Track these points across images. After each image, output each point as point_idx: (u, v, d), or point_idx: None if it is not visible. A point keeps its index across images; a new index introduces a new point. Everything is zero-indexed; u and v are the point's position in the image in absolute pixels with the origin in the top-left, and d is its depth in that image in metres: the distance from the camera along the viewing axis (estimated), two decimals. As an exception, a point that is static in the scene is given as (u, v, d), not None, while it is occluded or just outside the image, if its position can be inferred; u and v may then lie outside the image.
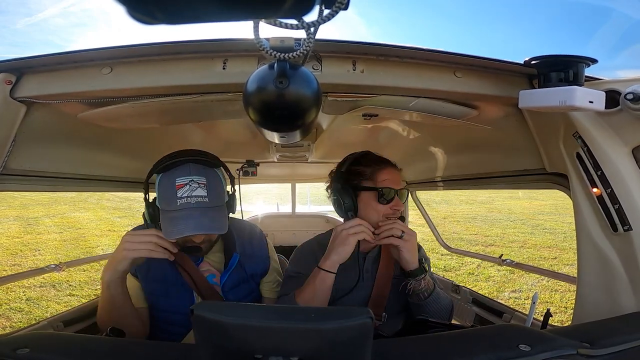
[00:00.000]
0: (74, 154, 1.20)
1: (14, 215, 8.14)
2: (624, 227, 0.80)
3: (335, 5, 0.38)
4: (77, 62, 0.81)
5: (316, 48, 0.78)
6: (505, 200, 11.75)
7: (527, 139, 1.04)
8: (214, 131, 1.53)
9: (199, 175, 0.92)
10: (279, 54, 0.60)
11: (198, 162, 0.94)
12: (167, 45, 0.78)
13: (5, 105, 0.82)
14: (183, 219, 0.88)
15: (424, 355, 0.57)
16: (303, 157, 2.03)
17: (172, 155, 0.97)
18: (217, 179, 0.96)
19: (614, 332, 0.65)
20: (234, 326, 0.41)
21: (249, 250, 1.11)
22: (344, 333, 0.41)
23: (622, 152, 0.80)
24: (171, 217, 0.90)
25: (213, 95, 0.88)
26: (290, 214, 3.50)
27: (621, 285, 0.81)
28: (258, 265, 1.12)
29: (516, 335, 0.60)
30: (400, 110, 1.02)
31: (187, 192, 0.90)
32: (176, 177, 0.91)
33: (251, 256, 1.11)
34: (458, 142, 1.47)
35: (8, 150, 0.90)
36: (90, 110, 0.96)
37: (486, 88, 0.86)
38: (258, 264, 1.13)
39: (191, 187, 0.90)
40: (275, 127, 0.73)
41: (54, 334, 0.63)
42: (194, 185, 0.91)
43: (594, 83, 0.78)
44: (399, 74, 0.83)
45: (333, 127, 1.40)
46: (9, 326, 3.43)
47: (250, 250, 1.11)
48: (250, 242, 1.13)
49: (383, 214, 1.04)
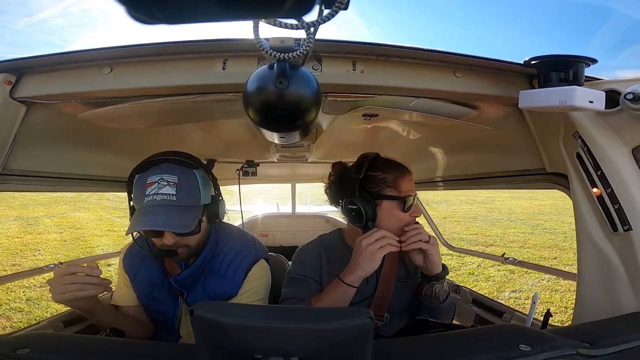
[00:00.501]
0: (74, 154, 1.20)
1: (14, 215, 8.14)
2: (624, 227, 0.80)
3: (335, 5, 0.38)
4: (77, 62, 0.81)
5: (316, 48, 0.78)
6: (506, 200, 11.75)
7: (527, 139, 1.04)
8: (214, 131, 1.53)
9: (171, 174, 0.90)
10: (279, 54, 0.60)
11: (174, 162, 0.92)
12: (167, 45, 0.78)
13: (5, 105, 0.82)
14: (144, 215, 0.86)
15: (424, 355, 0.57)
16: (303, 157, 2.03)
17: (151, 155, 0.96)
18: (192, 179, 0.93)
19: (614, 332, 0.65)
20: (234, 326, 0.41)
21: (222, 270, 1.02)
22: (344, 333, 0.41)
23: (622, 152, 0.80)
24: (137, 214, 0.89)
25: (213, 96, 0.88)
26: (290, 214, 3.50)
27: (621, 285, 0.81)
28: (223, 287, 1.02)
29: (516, 335, 0.60)
30: (400, 110, 1.02)
31: (154, 189, 0.88)
32: (148, 176, 0.90)
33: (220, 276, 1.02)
34: (458, 142, 1.47)
35: (8, 150, 0.90)
36: (90, 110, 0.96)
37: (486, 88, 0.86)
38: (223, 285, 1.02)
39: (159, 184, 0.88)
40: (275, 127, 0.73)
41: (54, 334, 0.63)
42: (162, 183, 0.89)
43: (594, 83, 0.78)
44: (399, 74, 0.83)
45: (333, 127, 1.40)
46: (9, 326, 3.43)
47: (223, 270, 1.02)
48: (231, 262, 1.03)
49: (405, 222, 1.01)
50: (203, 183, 0.95)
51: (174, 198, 0.88)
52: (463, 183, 1.62)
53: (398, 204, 1.00)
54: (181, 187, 0.89)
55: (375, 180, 1.01)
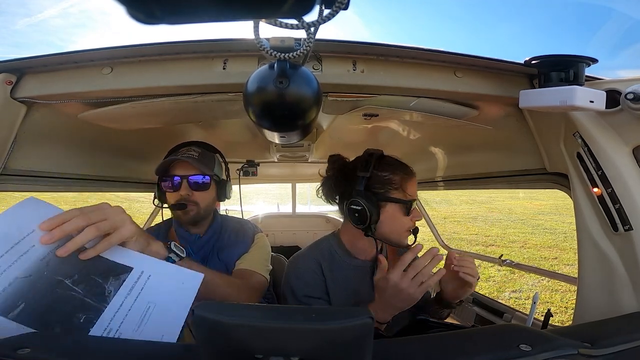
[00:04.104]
0: (74, 154, 1.20)
1: (15, 216, 8.12)
2: (624, 227, 0.80)
3: (336, 5, 0.38)
4: (77, 62, 0.81)
5: (316, 48, 0.78)
6: (506, 200, 11.75)
7: (528, 139, 1.04)
8: (214, 131, 1.54)
9: (196, 147, 1.13)
10: (279, 54, 0.60)
11: (198, 145, 1.15)
12: (167, 45, 0.78)
13: (5, 105, 0.82)
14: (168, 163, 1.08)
15: (424, 355, 0.57)
16: (303, 157, 2.04)
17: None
18: (211, 156, 1.14)
19: (615, 332, 0.65)
20: (234, 326, 0.41)
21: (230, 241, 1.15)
22: (344, 333, 0.41)
23: (622, 151, 0.80)
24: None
25: (213, 96, 0.88)
26: (290, 214, 3.50)
27: (622, 285, 0.81)
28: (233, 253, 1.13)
29: (517, 335, 0.60)
30: (401, 110, 1.01)
31: (180, 154, 1.09)
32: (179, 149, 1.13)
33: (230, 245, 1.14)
34: (458, 142, 1.47)
35: (8, 150, 0.90)
36: (90, 110, 0.96)
37: (487, 88, 0.86)
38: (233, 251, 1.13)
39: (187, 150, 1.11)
40: (275, 127, 0.73)
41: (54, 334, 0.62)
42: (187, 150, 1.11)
43: (595, 83, 0.78)
44: (399, 73, 0.83)
45: (333, 127, 1.40)
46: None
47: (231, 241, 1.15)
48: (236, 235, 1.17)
49: (409, 228, 0.97)
50: (218, 163, 1.18)
51: (195, 157, 1.08)
52: (463, 183, 1.62)
53: (402, 208, 0.94)
54: (202, 155, 1.11)
55: (381, 180, 0.95)
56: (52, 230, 0.57)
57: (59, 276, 0.57)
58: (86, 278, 0.59)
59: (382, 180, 0.95)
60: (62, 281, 0.57)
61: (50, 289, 0.56)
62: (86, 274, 0.59)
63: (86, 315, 0.57)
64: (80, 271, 0.59)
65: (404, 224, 0.96)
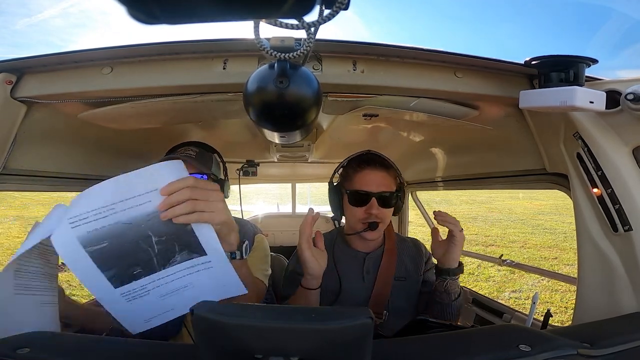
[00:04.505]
0: (74, 154, 1.20)
1: (14, 215, 8.13)
2: (624, 227, 0.80)
3: (336, 5, 0.38)
4: (77, 62, 0.81)
5: (316, 48, 0.78)
6: (506, 200, 11.75)
7: (528, 139, 1.04)
8: (214, 131, 1.54)
9: (194, 147, 1.10)
10: (279, 53, 0.60)
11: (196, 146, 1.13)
12: (167, 45, 0.78)
13: (5, 105, 0.82)
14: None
15: (424, 355, 0.57)
16: (303, 157, 2.03)
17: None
18: (208, 156, 1.12)
19: (614, 332, 0.65)
20: (234, 326, 0.41)
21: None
22: (344, 333, 0.41)
23: (622, 152, 0.80)
24: None
25: (213, 95, 0.88)
26: (290, 214, 3.50)
27: (621, 285, 0.81)
28: None
29: (516, 335, 0.60)
30: (401, 110, 1.02)
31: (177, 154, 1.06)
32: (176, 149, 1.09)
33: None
34: (458, 142, 1.47)
35: (8, 150, 0.90)
36: (90, 110, 0.96)
37: (487, 88, 0.86)
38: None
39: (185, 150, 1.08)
40: (275, 127, 0.73)
41: (54, 334, 0.63)
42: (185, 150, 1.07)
43: (595, 83, 0.78)
44: (399, 74, 0.83)
45: (333, 127, 1.40)
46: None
47: None
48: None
49: (359, 219, 1.03)
50: (216, 162, 1.15)
51: (193, 156, 1.06)
52: (463, 183, 1.61)
53: (350, 199, 1.05)
54: (200, 155, 1.08)
55: (343, 174, 1.10)
56: (165, 199, 0.60)
57: (150, 231, 0.60)
58: (168, 242, 0.61)
59: (342, 174, 1.11)
60: (150, 237, 0.60)
61: (135, 240, 0.59)
62: (171, 239, 0.61)
63: (142, 270, 0.61)
64: (169, 234, 0.61)
65: (355, 214, 1.05)
